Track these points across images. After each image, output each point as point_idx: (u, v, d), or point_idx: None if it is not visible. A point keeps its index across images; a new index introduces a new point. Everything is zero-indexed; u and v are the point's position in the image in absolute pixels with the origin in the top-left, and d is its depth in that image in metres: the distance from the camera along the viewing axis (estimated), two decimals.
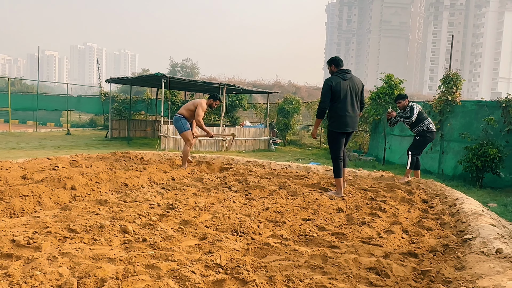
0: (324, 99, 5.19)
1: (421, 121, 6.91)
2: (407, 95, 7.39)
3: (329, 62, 5.44)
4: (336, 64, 5.39)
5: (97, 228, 3.25)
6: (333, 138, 5.39)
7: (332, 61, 5.42)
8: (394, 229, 3.90)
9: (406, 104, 7.06)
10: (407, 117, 6.89)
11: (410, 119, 6.85)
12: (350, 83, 5.33)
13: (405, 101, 7.09)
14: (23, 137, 16.89)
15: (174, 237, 3.19)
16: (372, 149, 13.64)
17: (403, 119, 6.96)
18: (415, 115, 6.85)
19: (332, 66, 5.39)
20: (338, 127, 5.29)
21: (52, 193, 4.36)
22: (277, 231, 3.59)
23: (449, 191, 5.68)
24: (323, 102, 5.19)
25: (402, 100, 7.10)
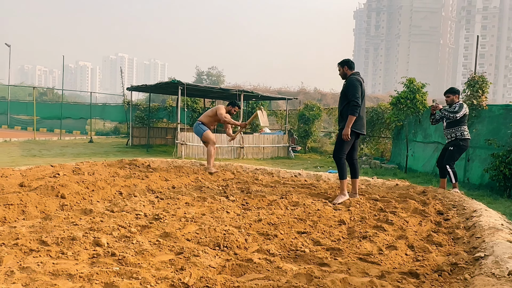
0: (358, 94, 4.99)
1: (461, 124, 6.37)
2: (459, 91, 6.82)
3: (342, 64, 5.28)
4: (349, 66, 5.24)
5: (69, 240, 3.05)
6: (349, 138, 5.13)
7: (346, 63, 5.25)
8: (398, 244, 3.53)
9: (455, 100, 6.50)
10: (454, 111, 6.31)
11: (455, 115, 6.28)
12: (364, 86, 5.22)
13: (455, 97, 6.51)
14: (47, 144, 17.21)
15: (148, 251, 2.95)
16: (394, 156, 13.09)
17: (448, 113, 6.41)
18: (462, 113, 6.31)
19: (345, 68, 5.22)
20: (358, 128, 5.14)
21: (39, 202, 4.22)
22: (265, 246, 3.29)
23: (468, 202, 5.21)
24: (358, 98, 4.98)
25: (452, 94, 6.51)
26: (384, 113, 13.27)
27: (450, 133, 6.47)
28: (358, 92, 4.98)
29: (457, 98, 6.54)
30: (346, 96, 5.07)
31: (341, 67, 5.26)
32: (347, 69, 5.20)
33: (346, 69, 5.21)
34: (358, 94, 4.97)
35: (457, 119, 6.33)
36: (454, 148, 6.44)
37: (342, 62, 5.27)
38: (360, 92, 5.00)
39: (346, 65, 5.22)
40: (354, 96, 4.96)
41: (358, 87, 4.99)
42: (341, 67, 5.26)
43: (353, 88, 5.00)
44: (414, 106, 10.85)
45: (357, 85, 5.00)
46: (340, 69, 5.26)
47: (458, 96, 6.59)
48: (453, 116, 6.34)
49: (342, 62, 5.27)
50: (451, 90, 6.62)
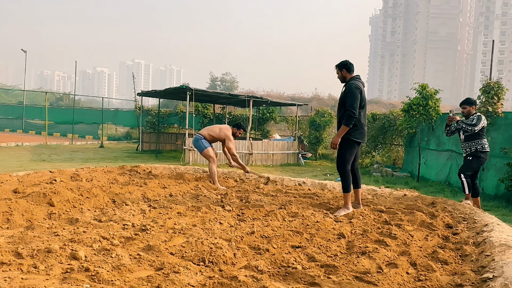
0: (356, 103, 4.66)
1: (480, 137, 6.04)
2: (476, 101, 6.48)
3: (340, 67, 4.91)
4: (348, 69, 4.87)
5: (44, 253, 2.88)
6: (350, 148, 4.84)
7: (344, 66, 4.88)
8: (399, 261, 3.27)
9: (473, 111, 6.15)
10: (472, 124, 5.97)
11: (473, 128, 5.96)
12: (364, 91, 4.90)
13: (472, 108, 6.16)
14: (58, 149, 17.29)
15: (126, 266, 2.76)
16: (406, 164, 12.72)
17: (466, 125, 6.10)
18: (480, 125, 5.96)
19: (344, 71, 4.87)
20: (359, 137, 4.84)
21: (27, 210, 4.08)
22: (254, 261, 3.07)
23: (479, 214, 4.90)
24: (355, 108, 4.64)
25: (469, 106, 6.16)
26: (396, 120, 12.93)
27: (469, 146, 6.13)
28: (357, 101, 4.64)
29: (474, 110, 6.20)
30: (344, 105, 4.74)
31: (339, 70, 4.91)
32: (345, 72, 4.86)
33: (344, 72, 4.87)
34: (356, 103, 4.63)
35: (476, 131, 6.02)
36: (473, 158, 6.10)
37: (339, 65, 4.91)
38: (358, 101, 4.66)
39: (344, 68, 4.87)
40: (351, 106, 4.62)
41: (357, 96, 4.64)
42: (339, 70, 4.91)
43: (351, 96, 4.64)
44: (426, 113, 10.51)
45: (356, 94, 4.65)
46: (338, 73, 4.92)
47: (475, 107, 6.24)
48: (471, 129, 6.03)
49: (339, 65, 4.91)
50: (467, 101, 6.28)
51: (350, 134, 4.73)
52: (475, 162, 6.11)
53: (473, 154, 6.09)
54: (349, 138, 4.75)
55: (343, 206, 4.91)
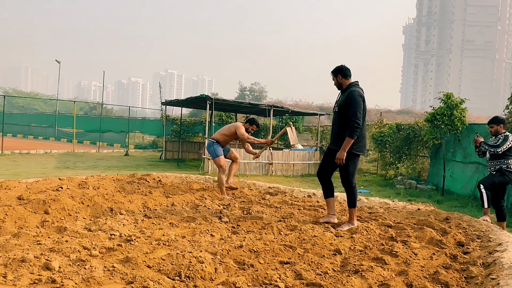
0: (360, 113, 4.31)
1: (506, 157, 5.70)
2: (505, 120, 6.10)
3: (335, 73, 4.56)
4: (344, 74, 4.51)
5: (18, 262, 2.83)
6: (354, 161, 4.55)
7: (339, 71, 4.53)
8: (393, 282, 3.03)
9: (500, 131, 5.82)
10: (495, 146, 5.67)
11: (496, 150, 5.66)
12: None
13: (500, 127, 5.81)
14: (83, 157, 17.69)
15: (96, 279, 2.66)
16: (432, 176, 12.20)
17: (489, 147, 5.80)
18: (505, 147, 5.61)
19: (339, 77, 4.52)
20: (362, 149, 4.55)
21: (20, 217, 4.09)
22: (234, 277, 2.90)
23: (496, 232, 4.54)
24: (359, 118, 4.30)
25: (496, 124, 5.82)
26: (421, 130, 12.46)
27: (494, 165, 5.82)
28: (360, 110, 4.30)
29: (502, 128, 5.85)
30: (345, 112, 4.37)
31: (334, 76, 4.56)
32: (341, 78, 4.51)
33: (340, 78, 4.51)
34: (361, 113, 4.30)
35: (500, 153, 5.69)
36: (497, 173, 5.78)
37: (334, 71, 4.56)
38: (362, 111, 4.33)
39: (339, 74, 4.51)
40: (355, 116, 4.26)
41: (360, 105, 4.31)
42: (334, 76, 4.56)
43: (355, 105, 4.29)
44: (451, 123, 10.05)
45: (360, 102, 4.31)
46: (334, 79, 4.58)
47: (503, 126, 5.88)
48: (493, 151, 5.71)
49: (334, 71, 4.56)
50: (494, 120, 5.93)
51: (352, 147, 4.40)
52: (498, 178, 5.80)
53: (499, 171, 5.78)
54: (351, 151, 4.43)
55: (347, 221, 4.65)
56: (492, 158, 5.84)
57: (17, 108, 49.13)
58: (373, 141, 14.33)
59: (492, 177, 5.84)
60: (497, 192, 5.90)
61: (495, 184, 5.81)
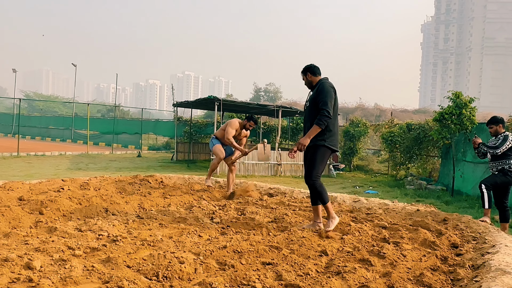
0: (331, 103, 4.18)
1: (507, 157, 5.61)
2: (503, 119, 6.00)
3: (304, 72, 4.51)
4: (312, 71, 4.44)
5: (1, 261, 2.90)
6: (325, 156, 4.33)
7: (307, 69, 4.46)
8: (374, 284, 3.00)
9: (500, 130, 5.74)
10: (494, 147, 5.60)
11: (495, 151, 5.57)
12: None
13: (499, 127, 5.75)
14: (97, 158, 17.98)
15: (73, 278, 2.71)
16: (442, 177, 11.99)
17: (488, 148, 5.72)
18: (504, 148, 5.53)
19: (308, 75, 4.45)
20: (334, 144, 4.36)
21: (15, 218, 4.19)
22: (212, 278, 2.92)
23: (492, 234, 4.45)
24: (330, 108, 4.15)
25: (495, 124, 5.76)
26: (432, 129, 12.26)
27: (496, 165, 5.74)
28: (331, 100, 4.17)
29: (502, 128, 5.75)
30: (316, 105, 4.22)
31: (303, 75, 4.50)
32: (310, 76, 4.43)
33: (309, 76, 4.44)
34: (331, 102, 4.16)
35: (499, 154, 5.58)
36: (499, 173, 5.68)
37: (303, 70, 4.51)
38: (333, 100, 4.21)
39: (308, 72, 4.45)
40: (325, 104, 4.12)
41: (331, 94, 4.19)
42: (303, 75, 4.50)
43: (326, 94, 4.16)
44: (460, 123, 9.86)
45: (331, 92, 4.20)
46: (304, 78, 4.50)
47: (502, 126, 5.78)
48: (492, 152, 5.61)
49: (303, 70, 4.51)
50: (493, 120, 5.84)
51: (325, 140, 4.24)
52: (500, 178, 5.70)
53: (501, 171, 5.66)
54: (324, 144, 4.25)
55: (328, 219, 4.37)
56: (493, 159, 5.73)
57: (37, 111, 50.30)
58: (383, 141, 14.17)
59: (494, 177, 5.74)
60: (500, 192, 5.78)
61: (497, 185, 5.70)
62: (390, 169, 14.81)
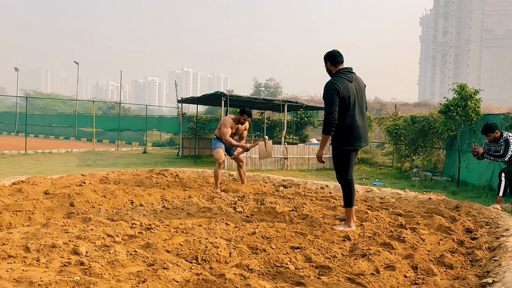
0: (332, 107, 3.94)
1: None
2: (496, 123, 6.13)
3: (325, 58, 4.29)
4: (333, 60, 4.20)
5: (49, 247, 3.08)
6: (342, 156, 4.21)
7: (327, 57, 4.24)
8: (399, 264, 3.18)
9: (497, 135, 5.90)
10: (499, 156, 5.75)
11: (503, 159, 5.71)
12: (356, 86, 4.18)
13: (496, 133, 5.91)
14: (103, 155, 18.15)
15: (120, 261, 2.89)
16: (448, 168, 12.18)
17: (495, 158, 5.87)
18: (510, 152, 5.68)
19: (328, 64, 4.23)
20: (348, 143, 4.14)
21: (48, 209, 4.37)
22: (248, 260, 3.10)
23: (504, 219, 4.64)
24: (331, 112, 3.94)
25: (492, 132, 5.91)
26: (436, 122, 12.44)
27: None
28: (333, 104, 3.94)
29: (498, 133, 5.92)
30: None
31: (324, 62, 4.29)
32: (330, 65, 4.22)
33: (329, 65, 4.23)
34: (333, 106, 3.94)
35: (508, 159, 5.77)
36: None
37: (325, 56, 4.28)
38: (336, 103, 3.95)
39: (328, 60, 4.23)
40: (327, 110, 3.96)
41: (332, 98, 3.94)
42: (324, 62, 4.29)
43: (326, 99, 4.01)
44: (465, 114, 10.04)
45: (332, 96, 3.95)
46: (325, 66, 4.30)
47: (498, 131, 5.94)
48: (501, 160, 5.80)
49: (325, 56, 4.28)
50: (487, 129, 6.01)
51: (337, 141, 4.15)
52: None
53: None
54: (338, 146, 4.17)
55: (345, 221, 4.30)
56: (510, 160, 5.87)
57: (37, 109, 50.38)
58: (388, 134, 14.35)
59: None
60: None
61: None
62: (395, 162, 14.99)
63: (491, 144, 6.02)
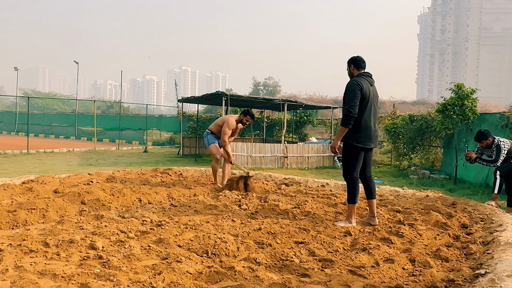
0: (354, 102, 4.19)
1: (510, 158, 6.01)
2: (488, 130, 6.35)
3: (349, 62, 4.56)
4: (356, 64, 4.49)
5: (67, 243, 3.26)
6: (353, 153, 4.39)
7: (352, 61, 4.52)
8: (398, 258, 3.38)
9: (490, 142, 6.13)
10: (492, 161, 6.00)
11: (495, 164, 5.94)
12: (374, 91, 4.48)
13: (489, 140, 6.14)
14: (105, 154, 18.32)
15: (135, 255, 3.08)
16: (445, 166, 12.39)
17: (487, 163, 6.11)
18: (502, 157, 5.91)
19: (352, 67, 4.50)
20: (359, 140, 4.33)
21: (61, 207, 4.54)
22: (255, 254, 3.29)
23: (499, 215, 4.84)
24: (353, 106, 4.19)
25: (485, 139, 6.15)
26: (434, 120, 12.65)
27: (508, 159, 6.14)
28: (355, 99, 4.20)
29: (490, 140, 6.16)
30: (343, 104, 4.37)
31: (348, 66, 4.56)
32: (353, 68, 4.49)
33: (352, 68, 4.49)
34: (355, 101, 4.20)
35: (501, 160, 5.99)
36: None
37: (349, 60, 4.57)
38: (358, 99, 4.22)
39: (352, 64, 4.50)
40: (348, 103, 4.22)
41: (355, 94, 4.21)
42: (348, 66, 4.56)
43: (349, 93, 4.25)
44: (462, 113, 10.24)
45: (355, 91, 4.22)
46: (348, 69, 4.56)
47: (491, 138, 6.18)
48: (494, 165, 6.01)
49: (349, 60, 4.57)
50: (480, 137, 6.26)
51: (349, 137, 4.33)
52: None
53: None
54: (350, 143, 4.35)
55: (346, 217, 4.50)
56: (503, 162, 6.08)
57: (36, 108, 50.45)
58: (386, 133, 14.55)
59: (510, 165, 6.08)
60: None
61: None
62: (394, 160, 15.19)
63: (483, 150, 6.22)
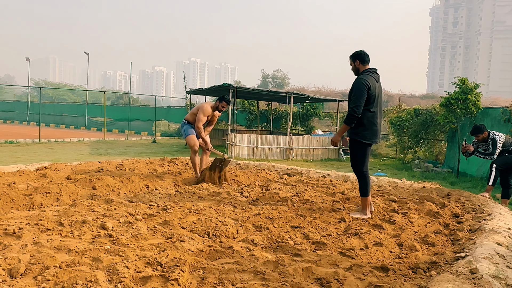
0: (360, 102, 4.23)
1: (505, 152, 6.17)
2: (484, 125, 6.50)
3: (353, 57, 4.50)
4: (362, 59, 4.43)
5: (80, 223, 3.55)
6: (359, 149, 4.49)
7: (357, 56, 4.45)
8: (386, 242, 3.61)
9: (485, 136, 6.29)
10: (488, 154, 6.17)
11: (493, 157, 6.13)
12: (379, 87, 4.47)
13: (484, 134, 6.29)
14: (114, 144, 18.70)
15: (142, 235, 3.35)
16: (448, 160, 12.52)
17: (484, 156, 6.28)
18: (498, 150, 6.08)
19: (357, 62, 4.45)
20: (366, 137, 4.41)
21: (73, 192, 4.84)
22: (253, 236, 3.55)
23: (490, 206, 5.04)
24: (358, 106, 4.23)
25: (481, 133, 6.29)
26: (438, 114, 12.76)
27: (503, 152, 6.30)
28: (361, 99, 4.23)
29: (486, 134, 6.31)
30: (349, 101, 4.43)
31: (352, 61, 4.49)
32: (358, 63, 4.43)
33: (357, 63, 4.44)
34: (361, 102, 4.23)
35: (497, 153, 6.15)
36: (510, 155, 6.20)
37: (353, 55, 4.49)
38: (364, 99, 4.24)
39: (357, 59, 4.44)
40: (354, 103, 4.26)
41: (362, 94, 4.23)
42: (352, 61, 4.49)
43: (356, 93, 4.27)
44: (466, 108, 10.36)
45: (362, 91, 4.24)
46: (352, 64, 4.50)
47: (486, 132, 6.33)
48: (490, 158, 6.17)
49: (353, 55, 4.49)
50: (476, 131, 6.38)
51: (357, 134, 4.41)
52: (511, 158, 6.20)
53: (510, 152, 6.20)
54: (359, 140, 4.42)
55: (360, 209, 4.57)
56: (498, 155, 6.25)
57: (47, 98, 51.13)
58: (391, 126, 14.69)
59: (506, 158, 6.24)
60: (507, 172, 6.30)
61: (508, 165, 6.22)
62: (398, 153, 15.34)
63: (479, 143, 6.38)
